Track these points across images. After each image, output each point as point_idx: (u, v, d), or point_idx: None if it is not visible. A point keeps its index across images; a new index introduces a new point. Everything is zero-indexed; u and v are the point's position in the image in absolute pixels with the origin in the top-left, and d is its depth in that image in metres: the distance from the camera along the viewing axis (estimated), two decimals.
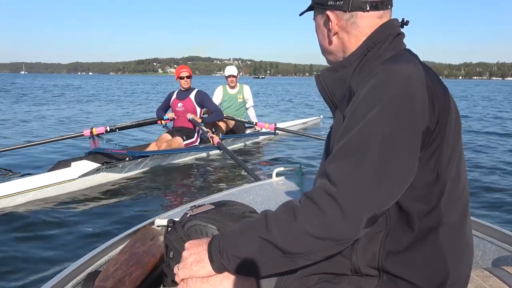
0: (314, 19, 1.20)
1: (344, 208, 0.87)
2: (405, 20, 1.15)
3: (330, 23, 1.11)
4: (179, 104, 6.11)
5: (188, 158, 6.24)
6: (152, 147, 5.84)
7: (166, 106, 6.37)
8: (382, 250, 1.00)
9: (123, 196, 4.48)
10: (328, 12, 1.11)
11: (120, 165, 5.05)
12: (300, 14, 1.27)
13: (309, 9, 1.21)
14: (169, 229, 1.40)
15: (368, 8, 1.07)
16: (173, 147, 5.72)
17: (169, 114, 6.22)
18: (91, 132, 5.80)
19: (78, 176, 4.53)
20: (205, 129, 5.72)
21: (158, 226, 1.95)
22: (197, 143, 6.13)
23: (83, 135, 5.91)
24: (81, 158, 5.09)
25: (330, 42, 1.15)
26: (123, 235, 1.80)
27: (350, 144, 0.91)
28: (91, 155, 5.29)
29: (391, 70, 0.94)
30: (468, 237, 1.07)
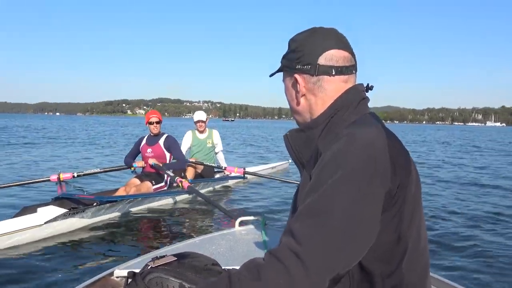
0: (283, 80, 1.25)
1: (308, 267, 0.87)
2: (369, 85, 1.21)
3: (298, 85, 1.17)
4: (149, 150, 6.13)
5: (156, 203, 6.21)
6: (121, 192, 5.77)
7: (135, 152, 6.35)
8: None
9: (87, 243, 4.42)
10: (296, 75, 1.17)
11: (88, 211, 4.97)
12: (270, 76, 1.32)
13: (279, 70, 1.27)
14: (129, 280, 1.34)
15: (334, 73, 1.13)
16: (142, 191, 5.68)
17: (139, 163, 6.18)
18: (58, 178, 5.72)
19: (44, 222, 4.43)
20: (171, 174, 5.71)
21: (117, 277, 1.88)
22: (166, 188, 6.11)
23: (49, 180, 5.82)
24: (47, 204, 4.97)
25: (298, 103, 1.20)
26: (80, 287, 1.72)
27: (315, 204, 0.93)
28: (58, 200, 5.18)
29: (355, 134, 0.98)
30: None
